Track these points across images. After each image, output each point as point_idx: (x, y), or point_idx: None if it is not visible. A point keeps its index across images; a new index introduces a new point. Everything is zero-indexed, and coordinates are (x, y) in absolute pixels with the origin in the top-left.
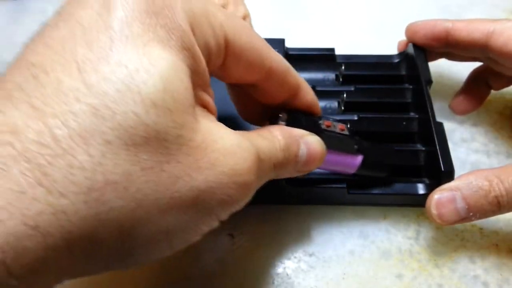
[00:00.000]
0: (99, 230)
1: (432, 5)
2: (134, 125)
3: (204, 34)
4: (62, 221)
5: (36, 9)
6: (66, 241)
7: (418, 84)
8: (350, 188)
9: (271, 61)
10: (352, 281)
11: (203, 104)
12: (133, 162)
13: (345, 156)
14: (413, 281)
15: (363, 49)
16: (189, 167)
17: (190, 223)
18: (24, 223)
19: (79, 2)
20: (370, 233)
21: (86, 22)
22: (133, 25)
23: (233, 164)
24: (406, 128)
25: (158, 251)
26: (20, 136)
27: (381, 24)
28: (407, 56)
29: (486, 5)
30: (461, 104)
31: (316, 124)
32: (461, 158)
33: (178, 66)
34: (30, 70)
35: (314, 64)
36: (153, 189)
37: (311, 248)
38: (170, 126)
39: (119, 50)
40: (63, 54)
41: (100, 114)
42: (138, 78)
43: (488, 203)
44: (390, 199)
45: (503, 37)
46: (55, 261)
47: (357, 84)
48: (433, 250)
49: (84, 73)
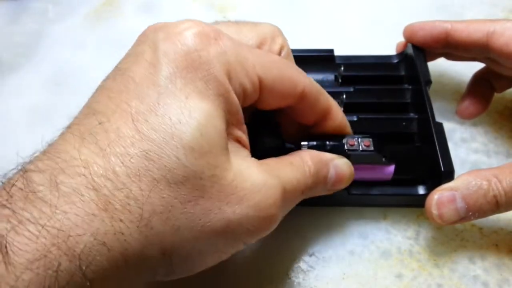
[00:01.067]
0: (147, 248)
1: (431, 5)
2: (176, 166)
3: (239, 77)
4: (121, 240)
5: (36, 9)
6: (123, 255)
7: (417, 84)
8: (351, 189)
9: (303, 86)
10: (352, 281)
11: (237, 139)
12: (174, 196)
13: (377, 167)
14: (413, 281)
15: (362, 50)
16: (220, 201)
17: (220, 246)
18: (95, 239)
19: (132, 58)
20: (370, 233)
21: (138, 78)
22: (176, 81)
23: (258, 200)
24: (405, 129)
25: (193, 267)
26: (90, 170)
27: (380, 25)
28: (406, 56)
29: (485, 4)
30: (468, 109)
31: (341, 145)
32: (461, 158)
33: (214, 114)
34: (96, 117)
35: (313, 65)
36: (189, 219)
37: (311, 248)
38: (205, 167)
39: (165, 103)
40: (120, 105)
41: (149, 157)
42: (180, 128)
43: (487, 202)
44: (390, 200)
45: (504, 37)
46: (116, 270)
47: (357, 85)
48: (433, 250)
49: (137, 123)
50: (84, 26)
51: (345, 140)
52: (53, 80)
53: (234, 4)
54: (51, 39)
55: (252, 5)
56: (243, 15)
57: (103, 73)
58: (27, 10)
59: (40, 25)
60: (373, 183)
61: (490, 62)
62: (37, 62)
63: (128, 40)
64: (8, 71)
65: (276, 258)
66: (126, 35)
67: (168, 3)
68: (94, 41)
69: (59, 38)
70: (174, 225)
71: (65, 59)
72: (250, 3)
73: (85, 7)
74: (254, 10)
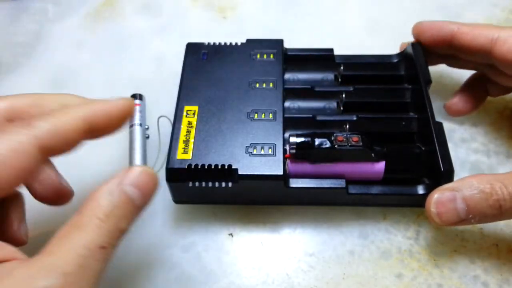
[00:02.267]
0: None
1: (431, 4)
2: None
3: None
4: None
5: (36, 9)
6: None
7: (417, 84)
8: (349, 188)
9: None
10: (352, 281)
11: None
12: None
13: (366, 165)
14: (413, 281)
15: (362, 49)
16: None
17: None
18: None
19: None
20: (370, 233)
21: None
22: None
23: None
24: (405, 128)
25: None
26: None
27: (380, 24)
28: (406, 56)
29: (485, 4)
30: (456, 105)
31: (329, 141)
32: (461, 158)
33: None
34: None
35: (313, 65)
36: None
37: (311, 248)
38: None
39: None
40: None
41: None
42: None
43: (489, 206)
44: (389, 200)
45: (507, 44)
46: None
47: (356, 84)
48: (433, 250)
49: None
50: (84, 26)
51: (333, 136)
52: (53, 80)
53: (234, 4)
54: (51, 39)
55: (252, 5)
56: (243, 15)
57: (103, 73)
58: (27, 10)
59: (40, 25)
60: (372, 183)
61: (490, 71)
62: (37, 62)
63: (128, 40)
64: (8, 71)
65: (276, 258)
66: (126, 35)
67: (168, 3)
68: (94, 41)
69: (59, 38)
70: None
71: (65, 59)
72: (250, 3)
73: (85, 7)
74: (254, 10)
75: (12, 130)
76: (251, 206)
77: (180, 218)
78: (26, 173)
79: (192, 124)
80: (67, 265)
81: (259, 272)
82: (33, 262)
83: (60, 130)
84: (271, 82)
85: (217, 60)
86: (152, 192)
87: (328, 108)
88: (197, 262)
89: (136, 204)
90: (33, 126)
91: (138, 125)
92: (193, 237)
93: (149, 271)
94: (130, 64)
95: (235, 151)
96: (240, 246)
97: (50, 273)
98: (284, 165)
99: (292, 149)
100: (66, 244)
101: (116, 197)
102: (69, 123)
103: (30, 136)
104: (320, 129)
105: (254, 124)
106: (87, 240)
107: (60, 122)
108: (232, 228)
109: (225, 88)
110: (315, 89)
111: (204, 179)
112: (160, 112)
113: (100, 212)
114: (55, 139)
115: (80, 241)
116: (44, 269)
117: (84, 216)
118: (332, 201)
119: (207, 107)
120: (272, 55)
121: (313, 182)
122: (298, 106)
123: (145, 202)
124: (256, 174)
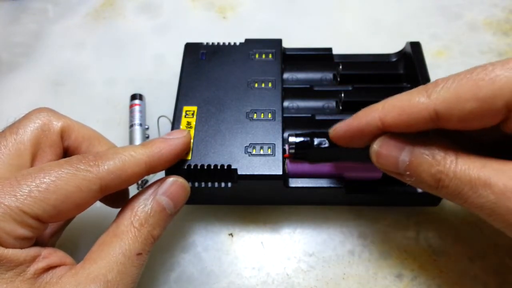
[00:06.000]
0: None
1: (431, 4)
2: None
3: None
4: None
5: (36, 9)
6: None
7: (416, 83)
8: (348, 188)
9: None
10: (352, 281)
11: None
12: None
13: (366, 164)
14: (413, 281)
15: (361, 49)
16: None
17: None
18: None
19: None
20: (369, 233)
21: None
22: None
23: None
24: None
25: None
26: None
27: (379, 24)
28: (404, 55)
29: (485, 4)
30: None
31: (328, 141)
32: None
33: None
34: None
35: (312, 64)
36: None
37: (311, 248)
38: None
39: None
40: None
41: None
42: None
43: (430, 174)
44: (389, 199)
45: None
46: None
47: (355, 84)
48: (433, 250)
49: None
50: (84, 26)
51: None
52: (53, 80)
53: (234, 4)
54: (51, 39)
55: (252, 5)
56: (243, 15)
57: (103, 73)
58: (27, 10)
59: (40, 25)
60: (372, 182)
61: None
62: (37, 62)
63: (128, 40)
64: (8, 71)
65: (276, 258)
66: (126, 35)
67: (167, 3)
68: (94, 41)
69: (59, 38)
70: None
71: (65, 59)
72: (250, 3)
73: (85, 7)
74: (254, 10)
75: (80, 166)
76: (251, 206)
77: (180, 218)
78: (84, 208)
79: (191, 124)
80: (109, 273)
81: (259, 272)
82: (79, 269)
83: (123, 175)
84: (270, 82)
85: (216, 60)
86: (183, 201)
87: (327, 108)
88: (197, 262)
89: (168, 213)
90: (99, 165)
91: (138, 125)
92: (193, 237)
93: (149, 271)
94: (130, 64)
95: (234, 151)
96: (240, 246)
97: (95, 281)
98: (283, 165)
99: (291, 148)
100: (106, 252)
101: (151, 206)
102: (132, 169)
103: (96, 177)
104: (319, 128)
105: (253, 124)
106: (125, 248)
107: (125, 167)
108: (232, 228)
109: (224, 88)
110: (314, 89)
111: (203, 180)
112: (160, 112)
113: (136, 221)
114: (117, 181)
115: (119, 249)
116: (89, 277)
117: (121, 225)
118: (331, 201)
119: (206, 107)
120: (270, 54)
121: (312, 182)
122: (297, 105)
123: (177, 210)
124: (256, 174)
